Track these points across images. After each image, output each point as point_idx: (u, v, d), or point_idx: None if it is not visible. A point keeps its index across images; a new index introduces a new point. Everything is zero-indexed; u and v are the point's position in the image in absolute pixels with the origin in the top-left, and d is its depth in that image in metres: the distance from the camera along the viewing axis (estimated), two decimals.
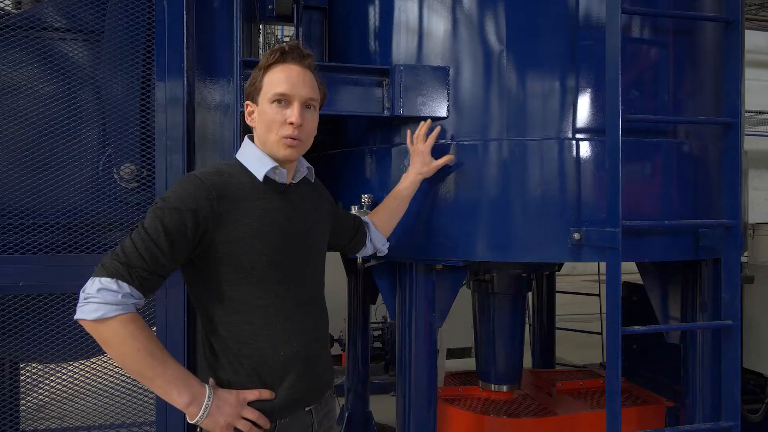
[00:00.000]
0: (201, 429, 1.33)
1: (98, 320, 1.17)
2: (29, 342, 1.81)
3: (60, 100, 1.83)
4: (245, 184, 1.35)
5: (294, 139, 1.35)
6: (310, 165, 1.51)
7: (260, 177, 1.36)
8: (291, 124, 1.33)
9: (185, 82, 1.84)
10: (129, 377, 1.90)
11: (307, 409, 1.41)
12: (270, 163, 1.37)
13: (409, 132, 1.89)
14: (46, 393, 1.91)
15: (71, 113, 1.84)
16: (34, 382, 1.96)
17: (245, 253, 1.30)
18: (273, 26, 7.81)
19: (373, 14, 2.11)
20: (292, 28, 2.81)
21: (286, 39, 8.33)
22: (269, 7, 2.74)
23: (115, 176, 1.85)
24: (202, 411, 1.25)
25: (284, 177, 1.40)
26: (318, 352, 1.44)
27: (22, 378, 2.07)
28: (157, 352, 1.22)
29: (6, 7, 1.98)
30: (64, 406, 1.91)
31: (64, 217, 1.80)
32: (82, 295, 1.19)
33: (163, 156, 1.83)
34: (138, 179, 1.85)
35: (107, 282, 1.18)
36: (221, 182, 1.31)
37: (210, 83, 1.96)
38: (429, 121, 1.89)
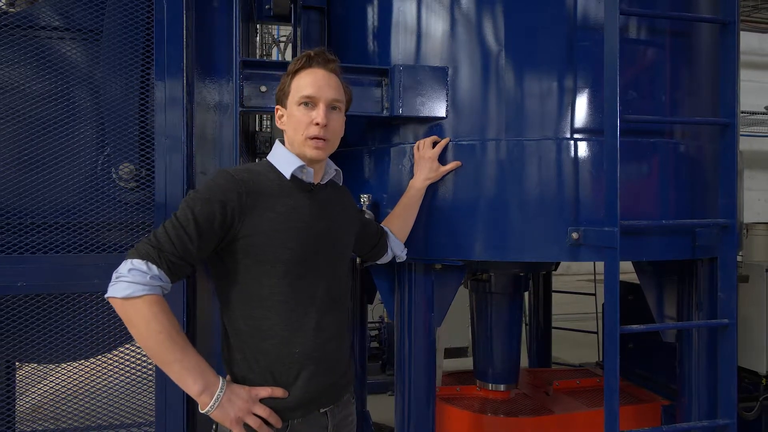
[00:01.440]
0: (217, 425, 1.35)
1: (126, 298, 1.22)
2: (29, 342, 1.80)
3: (59, 99, 1.82)
4: (273, 181, 1.40)
5: (320, 139, 1.40)
6: (338, 168, 1.56)
7: (287, 175, 1.41)
8: (317, 124, 1.39)
9: (185, 81, 1.83)
10: (127, 378, 1.89)
11: (322, 410, 1.42)
12: (297, 162, 1.42)
13: (417, 144, 1.91)
14: (42, 394, 1.90)
15: (70, 113, 1.83)
16: (30, 383, 1.95)
17: (269, 247, 1.34)
18: (269, 26, 7.80)
19: (372, 14, 2.11)
20: (290, 27, 2.81)
21: (283, 39, 8.32)
22: (266, 6, 2.73)
23: (114, 176, 1.85)
24: (213, 401, 1.27)
25: (311, 176, 1.45)
26: (335, 352, 1.44)
27: (17, 378, 2.05)
28: (178, 338, 1.25)
29: (1, 6, 1.97)
30: (62, 407, 1.90)
31: (62, 217, 1.79)
32: (114, 275, 1.25)
33: (163, 156, 1.82)
34: (137, 179, 1.85)
35: (138, 263, 1.24)
36: (250, 179, 1.37)
37: (209, 83, 1.96)
38: (436, 137, 1.92)
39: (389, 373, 4.80)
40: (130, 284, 1.22)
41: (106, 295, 1.24)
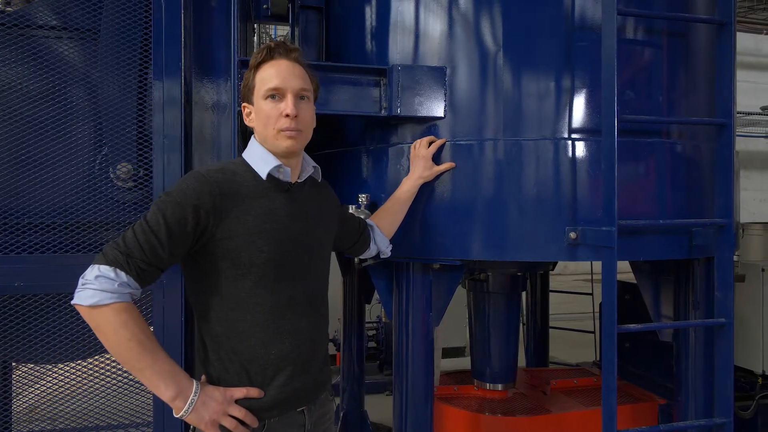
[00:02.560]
0: (194, 429, 1.34)
1: (93, 306, 1.19)
2: (26, 342, 1.80)
3: (56, 99, 1.82)
4: (249, 181, 1.36)
5: (292, 130, 1.36)
6: (316, 165, 1.52)
7: (263, 175, 1.38)
8: (287, 116, 1.35)
9: (182, 81, 1.83)
10: (125, 378, 1.89)
11: (299, 409, 1.41)
12: (274, 162, 1.38)
13: (414, 143, 1.92)
14: (39, 394, 1.89)
15: (67, 112, 1.83)
16: (27, 383, 1.94)
17: (245, 249, 1.31)
18: (267, 26, 7.78)
19: (370, 14, 2.12)
20: (287, 27, 2.80)
21: (280, 39, 8.30)
22: (264, 6, 2.73)
23: (111, 175, 1.84)
24: (187, 405, 1.26)
25: (288, 175, 1.41)
26: (312, 353, 1.43)
27: (14, 379, 2.05)
28: (148, 344, 1.23)
29: None
30: (59, 407, 1.89)
31: (60, 216, 1.79)
32: (80, 281, 1.21)
33: (160, 155, 1.82)
34: (134, 178, 1.85)
35: (106, 270, 1.20)
36: (225, 179, 1.33)
37: (207, 82, 1.96)
38: (433, 137, 1.92)
39: (387, 372, 4.80)
40: (97, 292, 1.18)
41: (72, 302, 1.21)
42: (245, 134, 2.50)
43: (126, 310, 1.21)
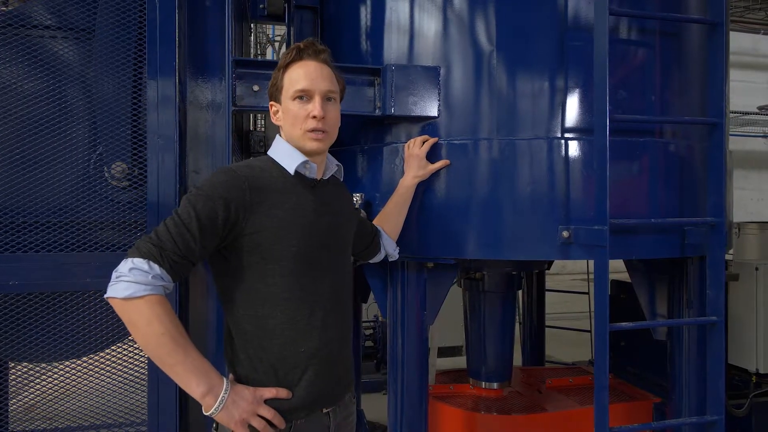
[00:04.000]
0: (217, 425, 1.34)
1: (127, 299, 1.19)
2: (21, 341, 1.80)
3: (51, 98, 1.82)
4: (276, 177, 1.38)
5: (319, 131, 1.39)
6: (339, 163, 1.54)
7: (291, 171, 1.40)
8: (314, 117, 1.37)
9: (177, 80, 1.83)
10: (121, 377, 1.90)
11: (324, 411, 1.41)
12: (300, 158, 1.40)
13: (407, 143, 1.92)
14: (36, 393, 1.90)
15: (62, 112, 1.83)
16: (23, 383, 1.95)
17: (274, 244, 1.32)
18: (264, 26, 7.79)
19: (365, 14, 2.12)
20: (284, 27, 2.81)
21: (278, 39, 8.31)
22: (260, 6, 2.74)
23: (106, 175, 1.85)
24: (217, 403, 1.25)
25: (314, 172, 1.43)
26: (339, 351, 1.43)
27: (10, 378, 2.05)
28: (180, 339, 1.23)
29: None
30: (55, 406, 1.90)
31: (55, 215, 1.79)
32: (114, 275, 1.21)
33: (155, 155, 1.82)
34: (129, 178, 1.85)
35: (139, 262, 1.20)
36: (253, 174, 1.35)
37: (202, 82, 1.96)
38: (426, 136, 1.93)
39: (384, 372, 4.80)
40: (131, 284, 1.18)
41: (105, 295, 1.21)
42: (240, 134, 2.50)
43: (159, 303, 1.21)
